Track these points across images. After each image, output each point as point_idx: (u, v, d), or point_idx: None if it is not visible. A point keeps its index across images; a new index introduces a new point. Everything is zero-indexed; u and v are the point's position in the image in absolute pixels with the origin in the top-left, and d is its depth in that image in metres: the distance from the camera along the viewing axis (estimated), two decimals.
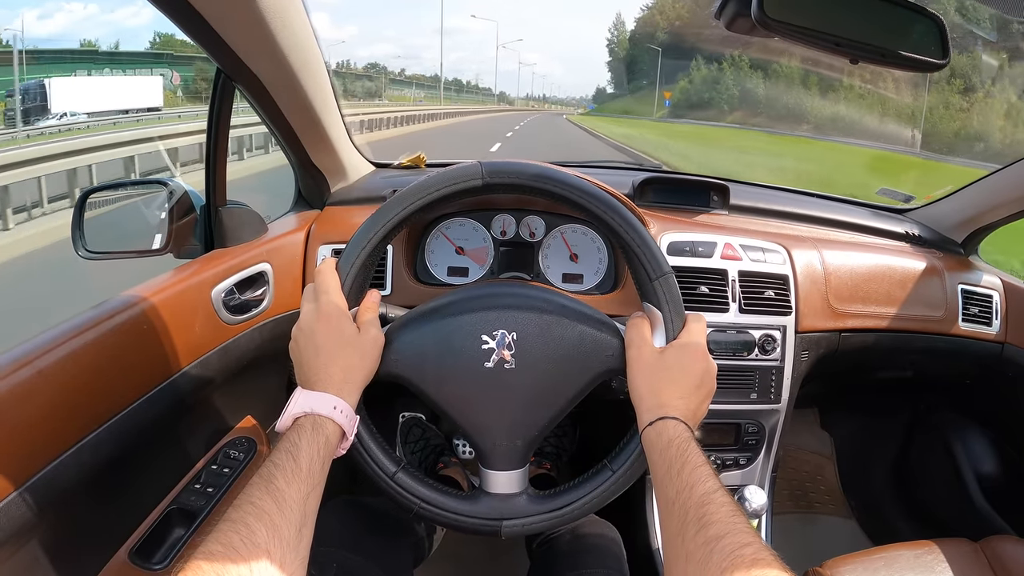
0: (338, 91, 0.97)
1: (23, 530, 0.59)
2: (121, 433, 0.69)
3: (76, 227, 0.87)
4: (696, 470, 0.51)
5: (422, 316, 0.65)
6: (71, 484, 0.64)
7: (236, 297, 0.88)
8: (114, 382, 0.70)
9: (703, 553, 0.45)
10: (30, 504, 0.58)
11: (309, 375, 0.59)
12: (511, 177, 0.64)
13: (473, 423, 0.64)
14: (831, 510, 1.61)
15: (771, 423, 1.02)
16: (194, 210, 0.91)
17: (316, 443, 0.53)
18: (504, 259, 1.03)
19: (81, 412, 0.66)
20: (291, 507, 0.47)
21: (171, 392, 0.77)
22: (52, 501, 0.62)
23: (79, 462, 0.64)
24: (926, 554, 0.91)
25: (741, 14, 0.65)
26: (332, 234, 1.00)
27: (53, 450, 0.62)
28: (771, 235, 1.07)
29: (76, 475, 0.64)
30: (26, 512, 0.58)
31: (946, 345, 1.14)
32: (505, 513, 0.64)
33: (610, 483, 0.64)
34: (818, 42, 0.66)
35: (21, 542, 0.61)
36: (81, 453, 0.64)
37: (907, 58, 0.69)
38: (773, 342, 0.98)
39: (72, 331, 0.66)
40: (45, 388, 0.62)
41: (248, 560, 0.42)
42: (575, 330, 0.64)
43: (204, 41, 0.70)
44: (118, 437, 0.69)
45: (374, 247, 0.64)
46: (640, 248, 0.63)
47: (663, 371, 0.60)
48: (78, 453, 0.64)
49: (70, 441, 0.64)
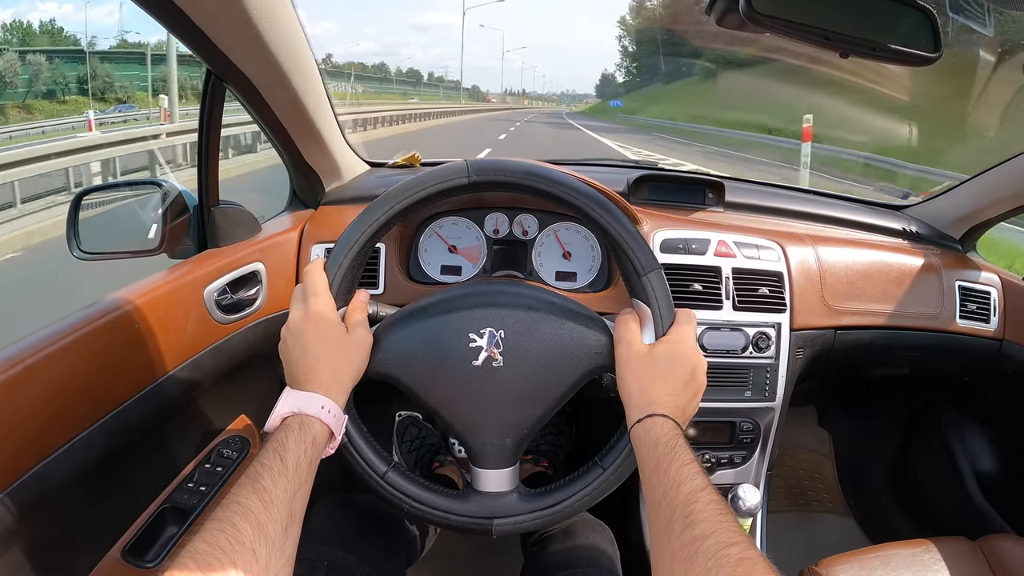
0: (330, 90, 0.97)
1: (15, 527, 0.59)
2: (114, 431, 0.70)
3: (71, 228, 0.87)
4: (683, 468, 0.51)
5: (410, 315, 0.65)
6: (64, 482, 0.64)
7: (229, 296, 0.88)
8: (107, 381, 0.70)
9: (688, 552, 0.45)
10: (22, 501, 0.59)
11: (297, 375, 0.59)
12: (497, 175, 0.64)
13: (462, 421, 0.64)
14: (829, 508, 1.61)
15: (766, 421, 1.02)
16: (188, 210, 0.92)
17: (303, 443, 0.53)
18: (497, 257, 1.03)
19: (74, 410, 0.66)
20: (277, 506, 0.48)
21: (164, 391, 0.77)
22: (45, 499, 0.62)
23: (71, 460, 0.64)
24: (924, 552, 0.91)
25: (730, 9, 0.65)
26: (326, 233, 1.00)
27: (45, 448, 0.62)
28: (766, 232, 1.06)
29: (68, 473, 0.64)
30: (18, 510, 0.58)
31: (944, 342, 1.13)
32: (496, 512, 0.64)
33: (600, 481, 0.64)
34: (807, 36, 0.66)
35: (13, 540, 0.61)
36: (73, 451, 0.64)
37: (898, 51, 0.68)
38: (767, 340, 0.97)
39: (65, 330, 0.67)
40: (37, 387, 0.62)
41: (234, 559, 0.43)
42: (563, 327, 0.64)
43: (192, 42, 0.70)
44: (111, 435, 0.69)
45: (362, 247, 0.64)
46: (627, 243, 0.63)
47: (652, 368, 0.60)
48: (70, 451, 0.64)
49: (62, 439, 0.64)
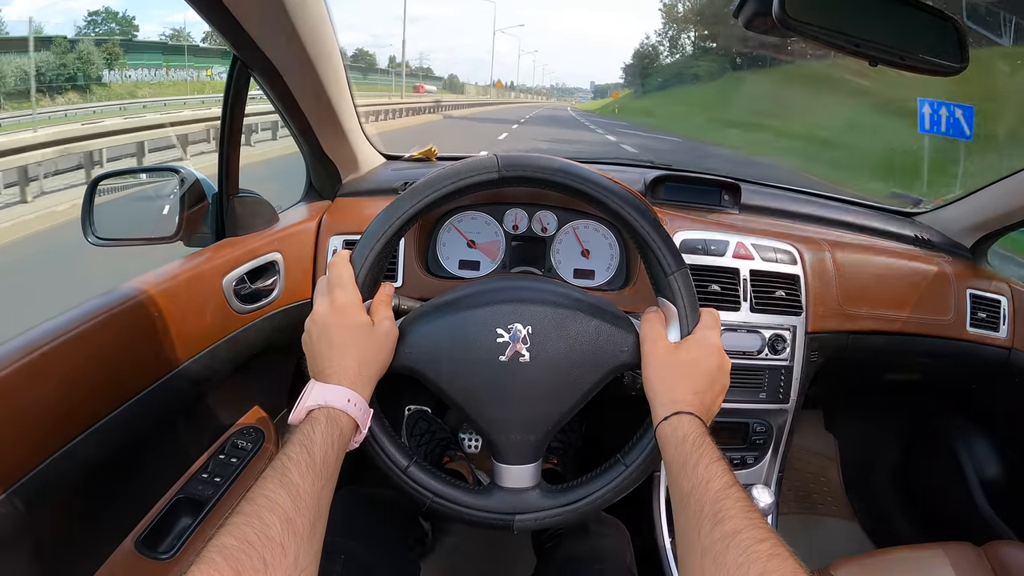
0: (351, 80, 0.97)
1: (31, 516, 0.58)
2: (129, 421, 0.69)
3: (86, 213, 0.86)
4: (712, 465, 0.51)
5: (436, 309, 0.65)
6: (79, 471, 0.64)
7: (247, 286, 0.88)
8: (123, 370, 0.70)
9: (720, 548, 0.45)
10: (38, 491, 0.58)
11: (323, 368, 0.58)
12: (527, 171, 0.64)
13: (487, 417, 0.64)
14: (834, 512, 1.61)
15: (779, 423, 1.02)
16: (205, 198, 0.91)
17: (331, 436, 0.53)
18: (516, 253, 1.03)
19: (89, 399, 0.65)
20: (306, 501, 0.47)
21: (180, 380, 0.77)
22: (60, 488, 0.62)
23: (87, 449, 0.64)
24: (929, 558, 0.91)
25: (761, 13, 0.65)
26: (343, 225, 1.00)
27: (61, 437, 0.62)
28: (782, 235, 1.06)
29: (84, 462, 0.64)
30: (34, 499, 0.58)
31: (953, 349, 1.13)
32: (518, 507, 0.64)
33: (623, 477, 0.64)
34: (838, 43, 0.65)
35: (29, 529, 0.61)
36: (89, 440, 0.64)
37: (925, 61, 0.68)
38: (783, 342, 0.98)
39: (83, 317, 0.66)
40: (54, 375, 0.61)
41: (263, 553, 0.42)
42: (590, 324, 0.63)
43: (220, 25, 0.69)
44: (126, 425, 0.69)
45: (388, 239, 0.63)
46: (656, 242, 0.63)
47: (677, 366, 0.60)
48: (86, 440, 0.64)
49: (79, 428, 0.63)
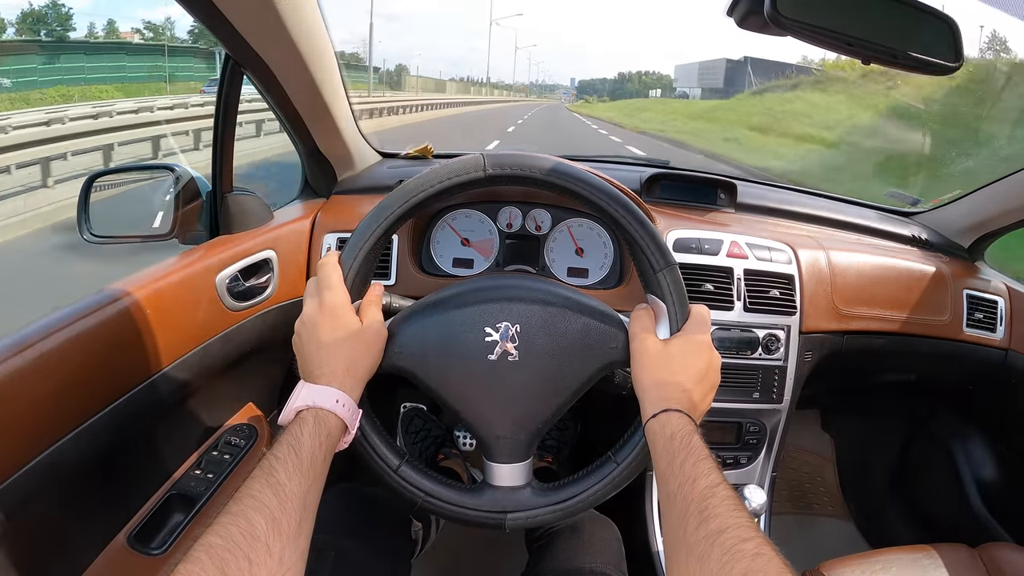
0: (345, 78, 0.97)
1: (23, 512, 0.59)
2: (122, 417, 0.69)
3: (82, 210, 0.86)
4: (699, 463, 0.51)
5: (425, 308, 0.65)
6: (71, 467, 0.64)
7: (240, 284, 0.88)
8: (117, 366, 0.70)
9: (704, 547, 0.45)
10: (30, 486, 0.58)
11: (312, 369, 0.58)
12: (514, 169, 0.63)
13: (477, 416, 0.64)
14: (829, 512, 1.61)
15: (772, 423, 1.02)
16: (200, 196, 0.91)
17: (318, 437, 0.53)
18: (510, 252, 1.03)
19: (83, 396, 0.65)
20: (292, 501, 0.47)
21: (173, 377, 0.77)
22: (52, 484, 0.62)
23: (79, 446, 0.64)
24: (923, 559, 0.91)
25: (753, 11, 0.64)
26: (338, 223, 1.00)
27: (54, 433, 0.62)
28: (777, 234, 1.06)
29: (76, 458, 0.64)
30: (26, 494, 0.58)
31: (950, 350, 1.13)
32: (509, 506, 0.64)
33: (614, 475, 0.64)
34: (830, 41, 0.65)
35: (21, 524, 0.61)
36: (81, 437, 0.64)
37: (919, 60, 0.68)
38: (777, 342, 0.97)
39: (76, 314, 0.66)
40: (47, 371, 0.61)
41: (248, 553, 0.42)
42: (579, 322, 0.63)
43: (212, 25, 0.69)
44: (119, 421, 0.69)
45: (377, 240, 0.63)
46: (644, 239, 0.63)
47: (666, 363, 0.60)
48: (78, 437, 0.64)
49: (71, 425, 0.63)
